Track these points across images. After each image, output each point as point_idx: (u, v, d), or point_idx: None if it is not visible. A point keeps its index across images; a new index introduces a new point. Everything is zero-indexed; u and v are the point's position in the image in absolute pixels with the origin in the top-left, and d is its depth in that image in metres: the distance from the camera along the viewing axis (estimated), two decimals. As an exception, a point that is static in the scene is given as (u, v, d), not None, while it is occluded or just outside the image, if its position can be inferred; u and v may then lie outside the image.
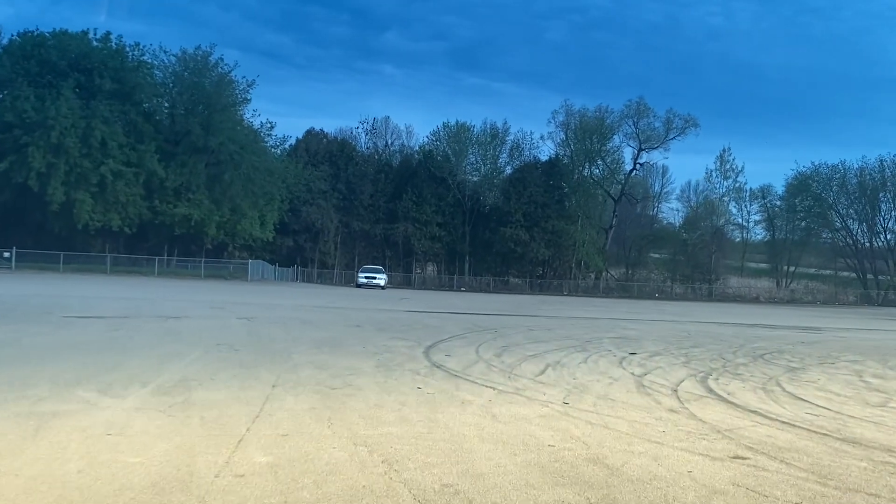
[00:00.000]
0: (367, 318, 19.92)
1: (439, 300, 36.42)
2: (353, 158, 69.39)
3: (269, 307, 23.06)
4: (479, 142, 71.64)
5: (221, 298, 26.73)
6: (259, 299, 27.88)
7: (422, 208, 67.70)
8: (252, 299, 27.59)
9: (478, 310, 27.51)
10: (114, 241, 49.61)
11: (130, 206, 47.00)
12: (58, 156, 44.45)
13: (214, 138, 49.17)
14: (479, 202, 71.50)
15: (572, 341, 15.19)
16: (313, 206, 64.70)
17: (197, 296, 27.84)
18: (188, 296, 27.44)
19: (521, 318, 22.97)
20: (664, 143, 73.67)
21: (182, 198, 49.31)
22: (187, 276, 45.45)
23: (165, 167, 48.73)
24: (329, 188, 66.32)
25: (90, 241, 47.86)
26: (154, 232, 50.10)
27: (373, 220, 68.40)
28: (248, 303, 25.02)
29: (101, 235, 48.01)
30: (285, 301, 27.60)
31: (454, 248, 70.34)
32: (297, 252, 68.16)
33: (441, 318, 21.71)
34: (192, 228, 49.54)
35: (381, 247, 70.34)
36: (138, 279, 41.68)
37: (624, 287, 71.00)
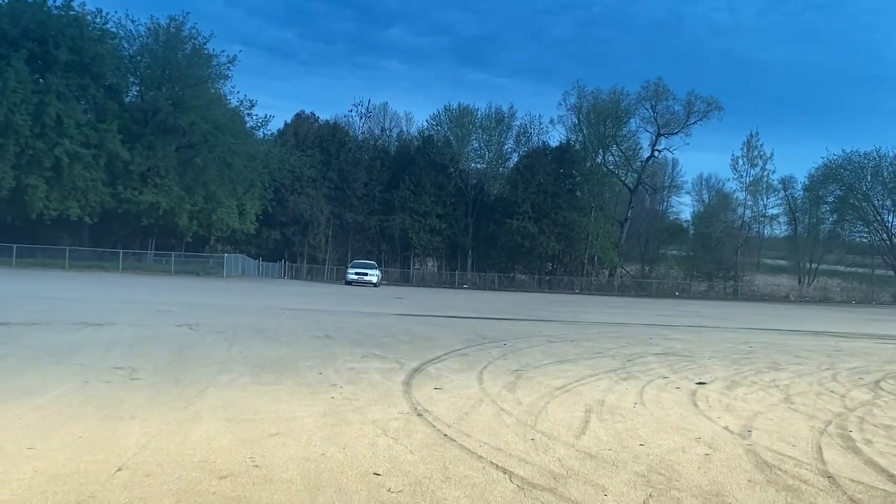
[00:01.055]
0: (344, 326, 16.46)
1: (438, 299, 32.96)
2: (345, 144, 65.84)
3: (229, 310, 19.59)
4: (483, 126, 68.00)
5: (177, 299, 23.27)
6: (223, 299, 24.42)
7: (420, 198, 64.17)
8: (215, 299, 24.13)
9: (482, 312, 24.04)
10: (77, 232, 46.09)
11: (91, 193, 43.30)
12: (6, 135, 40.64)
13: (185, 117, 45.50)
14: (484, 192, 67.92)
15: (608, 360, 11.71)
16: (302, 196, 61.18)
17: (150, 295, 24.39)
18: (138, 296, 24.00)
19: (535, 324, 19.50)
20: (685, 127, 70.03)
21: (149, 184, 45.57)
22: (156, 271, 41.99)
23: (130, 149, 44.94)
24: (319, 176, 62.81)
25: (50, 232, 44.32)
26: (120, 222, 46.51)
27: (367, 211, 64.89)
28: (207, 304, 21.55)
29: (62, 226, 44.49)
30: (254, 302, 24.13)
31: (456, 241, 66.82)
32: (285, 246, 64.74)
33: (437, 323, 18.26)
34: (160, 218, 45.86)
35: (377, 240, 66.85)
36: (99, 275, 38.26)
37: (641, 285, 67.45)
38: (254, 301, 24.38)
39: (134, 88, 47.94)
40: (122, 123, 44.49)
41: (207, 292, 27.67)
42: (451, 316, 21.32)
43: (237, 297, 25.64)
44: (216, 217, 48.27)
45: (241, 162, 47.68)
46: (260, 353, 11.04)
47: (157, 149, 45.60)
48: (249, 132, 49.48)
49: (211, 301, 22.82)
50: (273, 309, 20.77)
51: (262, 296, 27.82)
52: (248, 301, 24.08)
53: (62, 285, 27.37)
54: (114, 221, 46.49)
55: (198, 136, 46.02)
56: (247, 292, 29.51)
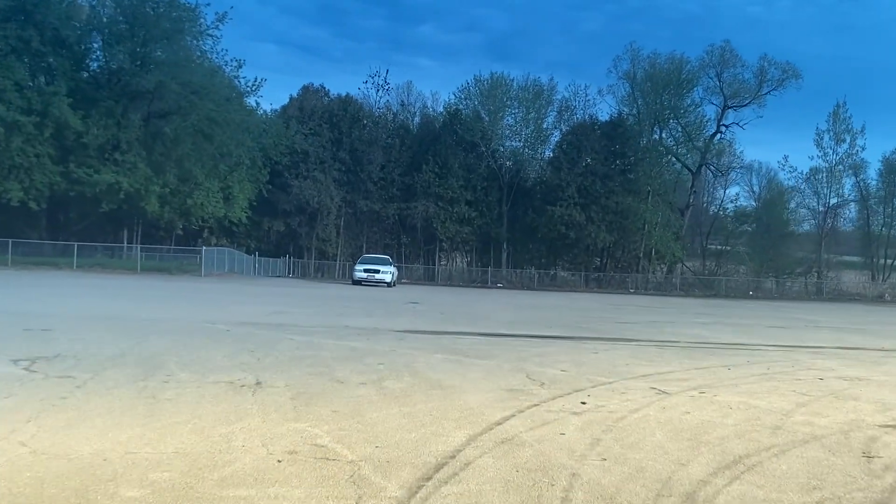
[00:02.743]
0: (301, 357, 10.20)
1: (465, 304, 26.57)
2: (359, 120, 59.62)
3: (144, 328, 13.44)
4: (518, 97, 61.38)
5: (88, 309, 17.24)
6: (159, 310, 18.28)
7: (447, 183, 57.79)
8: (148, 310, 18.00)
9: (525, 325, 17.63)
10: (33, 221, 40.31)
11: (36, 172, 37.41)
12: None
13: (151, 77, 39.27)
14: (520, 175, 61.37)
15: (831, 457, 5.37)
16: (308, 180, 55.07)
17: (54, 301, 18.42)
18: (30, 303, 18.03)
19: (613, 349, 13.06)
20: (757, 97, 62.83)
21: (107, 160, 39.16)
22: (119, 269, 36.03)
23: (84, 117, 38.54)
24: (329, 157, 56.70)
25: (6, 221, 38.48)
26: (76, 208, 40.59)
27: (384, 197, 58.63)
28: (122, 318, 15.43)
29: (6, 214, 38.61)
30: (201, 312, 17.96)
31: (488, 232, 60.36)
32: (290, 239, 58.87)
33: (460, 349, 11.91)
34: (123, 202, 39.77)
35: (396, 232, 60.63)
36: (44, 274, 32.53)
37: (706, 283, 60.44)
38: (202, 311, 18.24)
39: (96, 47, 41.64)
40: (75, 86, 38.29)
41: (150, 297, 21.55)
42: (481, 333, 14.94)
43: (183, 306, 19.48)
44: (192, 202, 42.07)
45: (224, 134, 41.29)
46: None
47: (117, 117, 39.30)
48: (236, 99, 43.21)
49: (136, 313, 16.68)
50: (217, 325, 14.55)
51: (224, 302, 21.65)
52: (192, 311, 17.91)
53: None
54: (70, 208, 40.65)
55: (169, 102, 39.74)
56: (208, 297, 23.33)
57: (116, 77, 39.97)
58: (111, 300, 19.27)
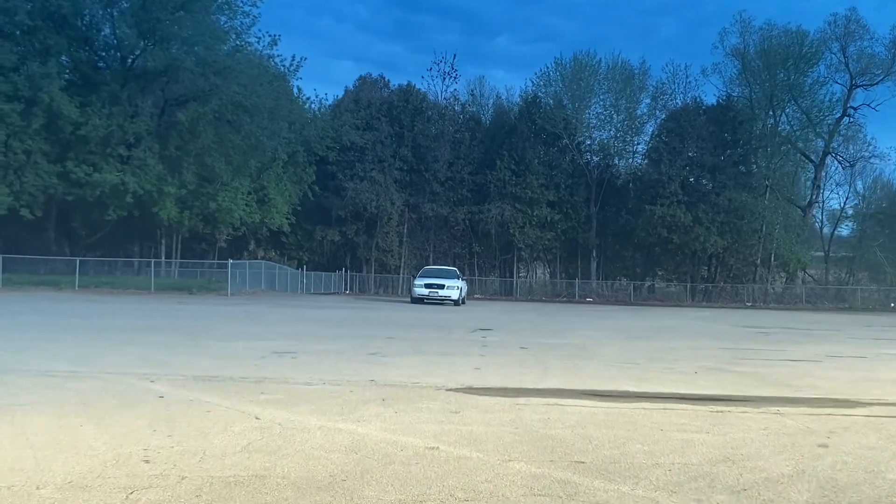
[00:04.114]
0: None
1: (553, 329, 20.03)
2: (422, 112, 53.81)
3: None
4: (608, 78, 54.62)
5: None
6: (76, 355, 12.47)
7: (525, 181, 51.43)
8: (49, 355, 12.21)
9: (653, 369, 10.74)
10: (37, 233, 35.40)
11: (27, 173, 32.03)
12: None
13: (161, 53, 33.84)
14: (611, 170, 54.62)
15: None
16: (365, 181, 49.48)
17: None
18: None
19: (851, 423, 6.54)
20: (890, 74, 54.44)
21: (111, 156, 33.66)
22: (127, 288, 30.71)
23: (82, 105, 33.06)
24: (389, 155, 51.04)
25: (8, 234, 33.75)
26: (79, 216, 35.30)
27: (453, 200, 52.59)
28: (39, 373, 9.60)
29: (22, 226, 33.79)
30: (157, 355, 11.93)
31: (574, 238, 53.66)
32: (348, 249, 53.43)
33: (556, 456, 5.57)
34: (132, 208, 34.21)
35: (467, 239, 54.46)
36: (36, 295, 27.46)
37: (837, 294, 52.33)
38: (160, 354, 12.22)
39: (97, 20, 36.17)
40: (73, 67, 33.16)
41: (111, 329, 15.71)
42: (589, 392, 8.42)
43: (139, 345, 13.50)
44: (217, 205, 36.34)
45: (253, 123, 35.70)
46: None
47: (122, 104, 33.90)
48: (271, 80, 37.52)
49: (40, 360, 10.82)
50: (156, 383, 8.49)
51: (216, 335, 15.57)
52: (145, 355, 11.88)
53: None
54: (75, 216, 35.49)
55: (185, 85, 34.29)
56: (199, 327, 17.34)
57: (122, 56, 34.73)
58: (31, 336, 13.56)
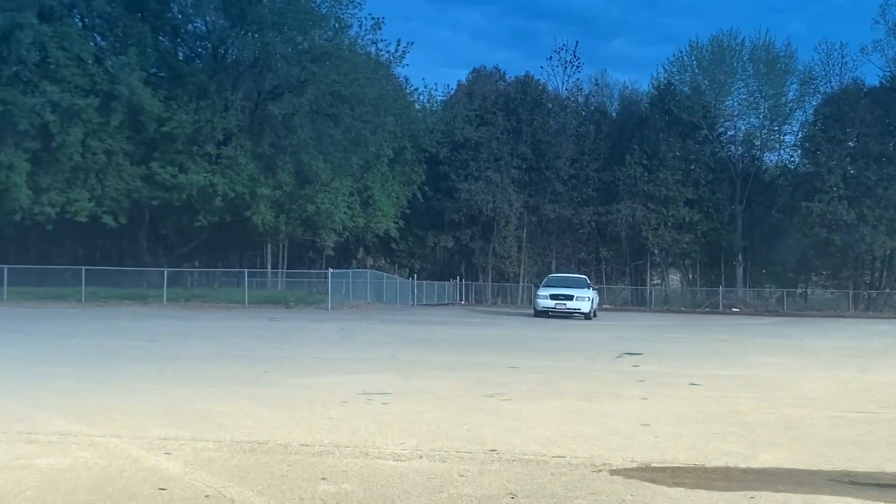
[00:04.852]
0: None
1: (715, 350, 15.62)
2: (541, 104, 49.86)
3: None
4: (752, 60, 49.22)
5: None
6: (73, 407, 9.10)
7: (658, 177, 46.66)
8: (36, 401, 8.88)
9: None
10: (130, 241, 33.41)
11: (110, 175, 29.65)
12: None
13: (254, 39, 31.05)
14: (757, 163, 49.19)
15: None
16: (480, 181, 45.95)
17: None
18: None
19: None
20: None
21: (198, 155, 30.97)
22: (220, 302, 28.01)
23: (166, 99, 30.45)
24: (506, 152, 47.36)
25: (83, 240, 31.99)
26: (168, 222, 32.69)
27: (577, 200, 48.33)
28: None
29: (109, 234, 31.96)
30: (195, 405, 8.43)
31: (716, 240, 48.42)
32: (462, 256, 50.04)
33: None
34: (222, 212, 31.69)
35: (593, 243, 50.05)
36: (118, 311, 25.16)
37: None
38: (200, 403, 8.69)
39: (182, 5, 33.16)
40: (156, 57, 30.70)
41: (151, 360, 12.48)
42: (858, 482, 4.50)
43: (181, 383, 10.11)
44: (315, 208, 33.17)
45: (354, 116, 32.50)
46: None
47: (211, 97, 31.19)
48: (375, 69, 34.25)
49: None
50: (166, 463, 5.08)
51: (290, 368, 12.07)
52: (184, 401, 8.43)
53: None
54: (162, 222, 33.14)
55: (279, 74, 31.47)
56: (276, 357, 13.92)
57: (213, 46, 32.22)
58: (62, 369, 10.47)
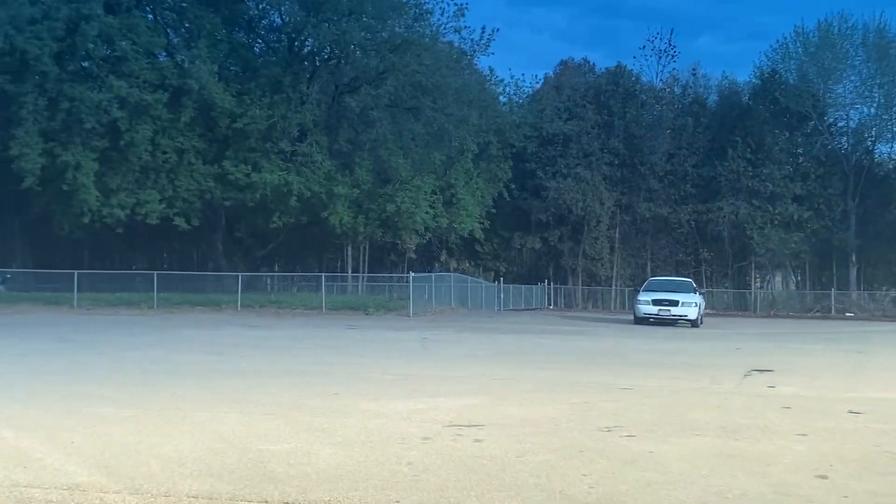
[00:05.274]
0: None
1: (869, 372, 13.20)
2: (634, 96, 47.32)
3: None
4: (865, 44, 45.70)
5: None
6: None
7: (763, 171, 43.63)
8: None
9: None
10: (206, 244, 32.46)
11: (181, 175, 28.40)
12: (22, 79, 26.10)
13: (327, 29, 28.84)
14: (871, 156, 45.66)
15: None
16: (569, 179, 43.71)
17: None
18: None
19: None
20: None
21: (272, 152, 29.26)
22: (296, 307, 26.54)
23: (238, 94, 29.02)
24: (596, 147, 45.01)
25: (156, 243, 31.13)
26: (246, 223, 31.44)
27: (674, 197, 45.59)
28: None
29: (182, 237, 31.13)
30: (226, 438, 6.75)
31: (828, 240, 45.00)
32: (550, 258, 47.91)
33: None
34: (298, 214, 30.22)
35: (692, 244, 47.18)
36: (197, 318, 23.97)
37: None
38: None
39: (273, 14, 31.73)
40: (230, 50, 29.42)
41: (189, 376, 10.83)
42: None
43: (228, 410, 8.45)
44: (395, 208, 31.13)
45: (437, 108, 30.42)
46: None
47: (285, 91, 29.61)
48: (457, 58, 32.29)
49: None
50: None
51: (378, 380, 10.22)
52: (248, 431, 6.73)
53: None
54: (237, 224, 31.89)
55: (357, 66, 29.83)
56: (363, 368, 12.14)
57: (285, 36, 30.81)
58: (58, 394, 8.92)
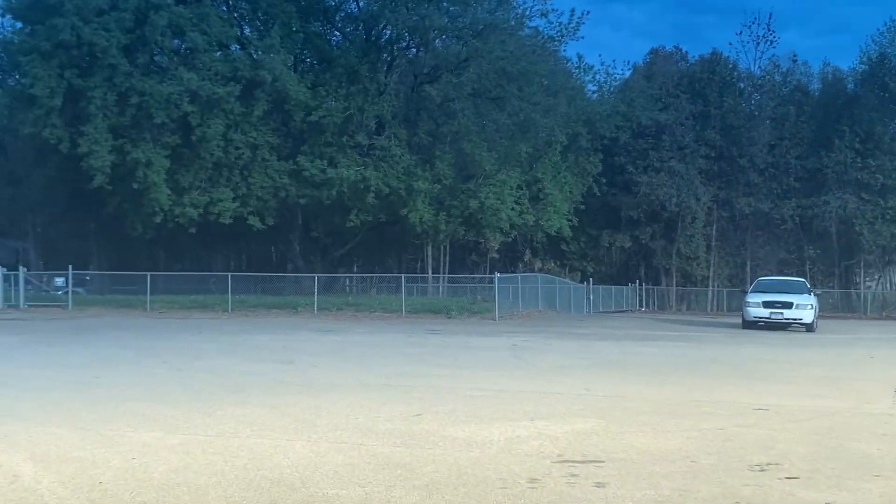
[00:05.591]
0: None
1: None
2: (731, 84, 44.87)
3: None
4: None
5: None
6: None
7: (873, 162, 40.75)
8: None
9: None
10: (262, 244, 31.45)
11: (256, 172, 27.24)
12: (90, 73, 25.17)
13: (409, 16, 27.31)
14: None
15: None
16: (662, 173, 41.60)
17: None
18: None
19: None
20: None
21: (349, 146, 27.92)
22: (374, 310, 25.15)
23: (313, 85, 27.76)
24: (691, 139, 42.76)
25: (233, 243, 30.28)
26: (322, 222, 30.26)
27: (776, 192, 42.92)
28: None
29: (253, 237, 30.18)
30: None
31: (947, 235, 41.86)
32: (642, 258, 45.80)
33: None
34: (376, 212, 28.83)
35: (796, 242, 44.45)
36: (272, 322, 23.02)
37: None
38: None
39: (350, 2, 30.40)
40: (306, 40, 28.12)
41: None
42: None
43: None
44: (478, 204, 29.27)
45: (523, 97, 28.45)
46: None
47: (362, 81, 28.20)
48: (544, 43, 30.45)
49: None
50: None
51: (470, 399, 8.82)
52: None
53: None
54: (312, 223, 30.63)
55: (438, 53, 28.32)
56: (445, 381, 10.85)
57: (362, 23, 29.59)
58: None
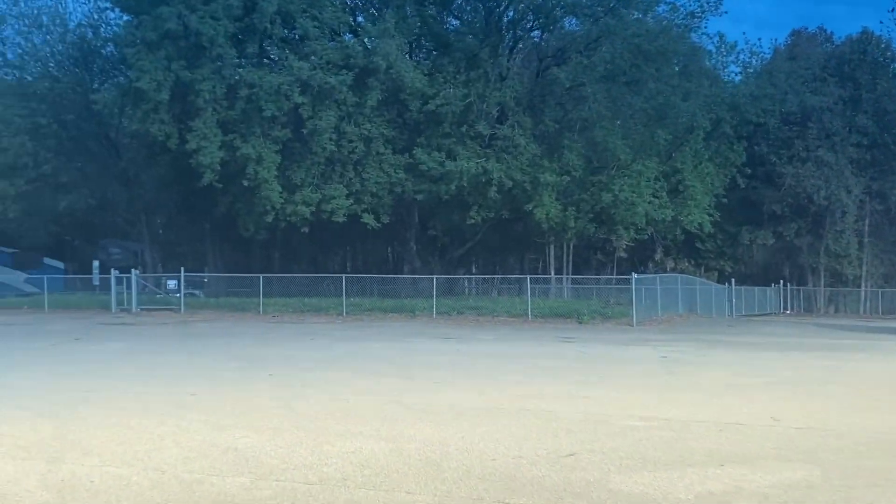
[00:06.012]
0: None
1: None
2: (885, 66, 41.17)
3: None
4: None
5: None
6: None
7: None
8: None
9: None
10: (378, 243, 30.39)
11: (370, 166, 25.69)
12: (197, 64, 24.39)
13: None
14: None
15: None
16: (808, 163, 38.40)
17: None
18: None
19: None
20: None
21: (468, 136, 25.97)
22: (499, 315, 23.57)
23: (430, 73, 26.18)
24: (839, 127, 39.34)
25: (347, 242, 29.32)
26: (439, 220, 28.69)
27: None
28: None
29: (372, 236, 29.25)
30: None
31: None
32: (786, 256, 42.69)
33: None
34: (499, 208, 27.02)
35: (963, 236, 40.47)
36: (388, 326, 21.92)
37: None
38: None
39: None
40: (421, 24, 26.53)
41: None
42: None
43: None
44: (612, 197, 26.93)
45: (660, 79, 26.29)
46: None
47: (483, 66, 26.25)
48: (683, 18, 28.09)
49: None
50: None
51: (648, 448, 7.40)
52: None
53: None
54: (428, 220, 29.26)
55: (566, 34, 26.46)
56: (609, 407, 9.35)
57: (479, 4, 27.94)
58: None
